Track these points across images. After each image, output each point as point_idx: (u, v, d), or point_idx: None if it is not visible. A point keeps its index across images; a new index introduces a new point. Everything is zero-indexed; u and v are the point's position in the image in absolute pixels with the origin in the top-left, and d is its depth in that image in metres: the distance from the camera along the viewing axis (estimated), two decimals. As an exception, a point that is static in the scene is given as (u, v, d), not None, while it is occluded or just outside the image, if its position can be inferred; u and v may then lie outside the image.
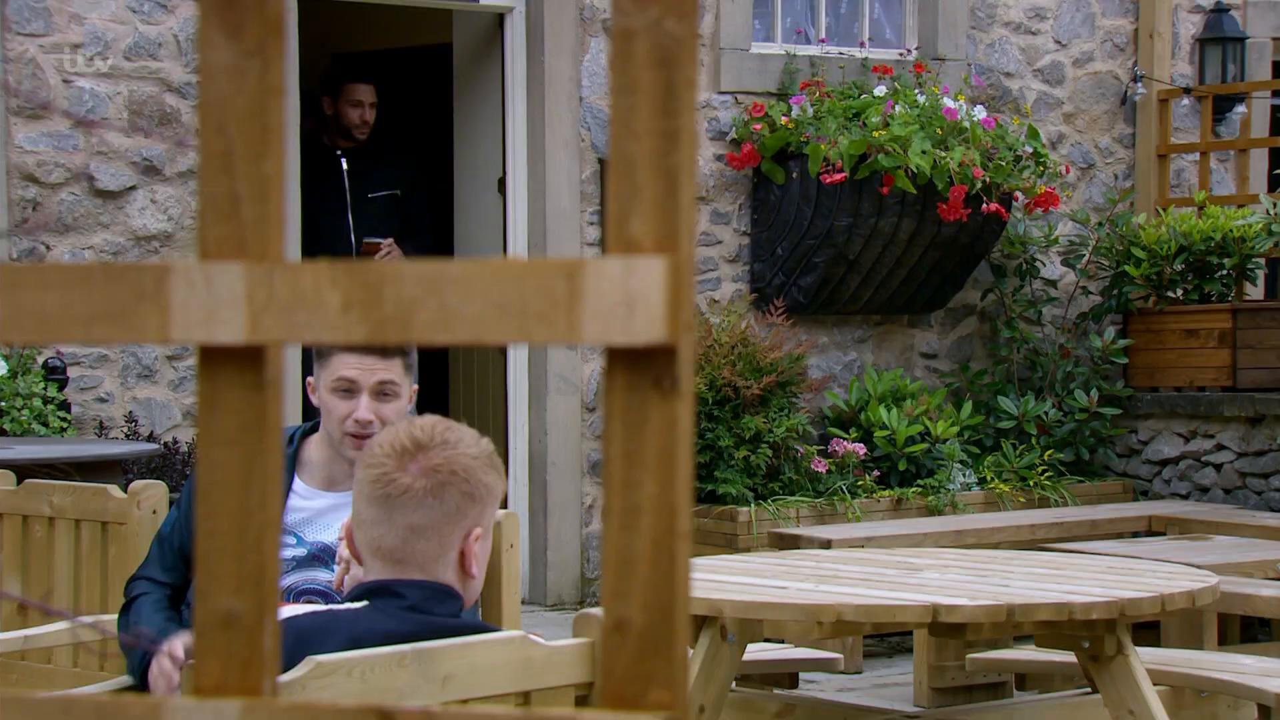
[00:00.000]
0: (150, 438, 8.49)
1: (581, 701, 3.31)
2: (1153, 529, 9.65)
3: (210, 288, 1.44)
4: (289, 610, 3.42)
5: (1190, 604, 5.59)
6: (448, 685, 3.16)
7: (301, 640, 3.18)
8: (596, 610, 3.31)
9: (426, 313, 1.41)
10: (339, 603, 3.57)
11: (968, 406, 10.30)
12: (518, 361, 9.64)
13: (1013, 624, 5.50)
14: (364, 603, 3.32)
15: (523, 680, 3.24)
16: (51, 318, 1.47)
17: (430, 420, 3.29)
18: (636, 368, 1.39)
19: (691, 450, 1.41)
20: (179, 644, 4.09)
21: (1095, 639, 5.52)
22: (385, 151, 9.39)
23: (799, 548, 8.40)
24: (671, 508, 1.38)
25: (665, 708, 1.37)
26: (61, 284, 1.47)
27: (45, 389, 8.09)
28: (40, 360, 8.25)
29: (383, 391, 4.31)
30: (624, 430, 1.39)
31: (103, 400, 8.65)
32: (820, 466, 9.61)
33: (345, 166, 9.12)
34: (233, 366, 1.46)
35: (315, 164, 9.14)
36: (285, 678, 2.94)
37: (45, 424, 7.97)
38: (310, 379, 4.48)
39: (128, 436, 8.48)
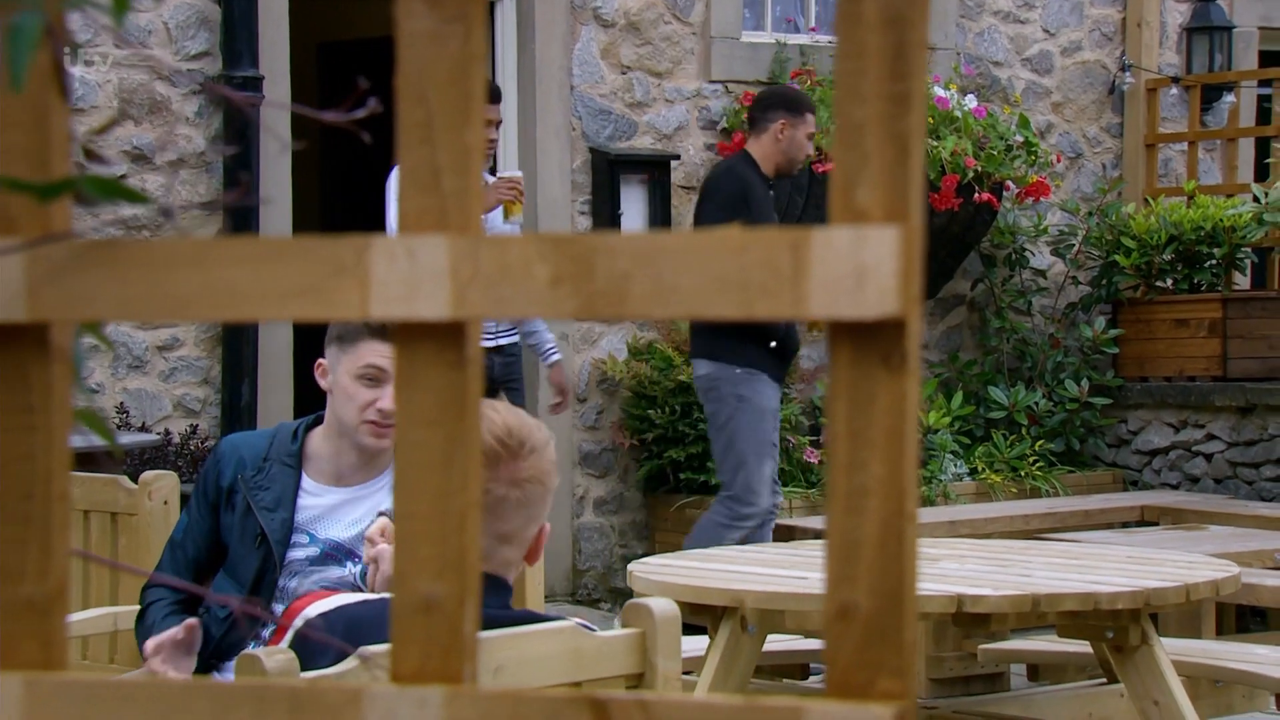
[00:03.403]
0: (142, 428, 8.41)
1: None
2: (1145, 519, 9.64)
3: (413, 261, 1.38)
4: (340, 599, 3.35)
5: (1214, 593, 5.55)
6: (499, 676, 3.11)
7: (354, 628, 3.14)
8: (647, 599, 3.27)
9: (641, 286, 1.35)
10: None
11: (958, 397, 10.27)
12: (508, 352, 9.56)
13: (1037, 614, 5.46)
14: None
15: (574, 671, 3.21)
16: (242, 294, 1.40)
17: (505, 420, 3.21)
18: (863, 342, 1.34)
19: (919, 430, 1.35)
20: (151, 645, 4.01)
21: (1119, 629, 5.47)
22: (784, 188, 8.85)
23: (794, 539, 8.34)
24: (900, 489, 1.33)
25: (895, 697, 1.31)
26: (252, 259, 1.41)
27: (38, 380, 7.99)
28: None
29: None
30: (849, 409, 1.34)
31: (93, 391, 8.55)
32: (812, 457, 9.57)
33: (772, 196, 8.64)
34: (432, 343, 1.40)
35: (744, 188, 8.52)
36: (338, 667, 2.89)
37: (38, 415, 7.87)
38: (322, 361, 4.33)
39: (119, 427, 8.39)
